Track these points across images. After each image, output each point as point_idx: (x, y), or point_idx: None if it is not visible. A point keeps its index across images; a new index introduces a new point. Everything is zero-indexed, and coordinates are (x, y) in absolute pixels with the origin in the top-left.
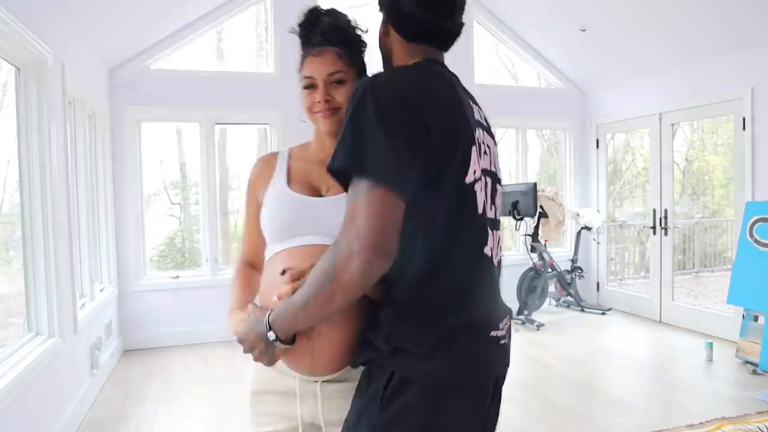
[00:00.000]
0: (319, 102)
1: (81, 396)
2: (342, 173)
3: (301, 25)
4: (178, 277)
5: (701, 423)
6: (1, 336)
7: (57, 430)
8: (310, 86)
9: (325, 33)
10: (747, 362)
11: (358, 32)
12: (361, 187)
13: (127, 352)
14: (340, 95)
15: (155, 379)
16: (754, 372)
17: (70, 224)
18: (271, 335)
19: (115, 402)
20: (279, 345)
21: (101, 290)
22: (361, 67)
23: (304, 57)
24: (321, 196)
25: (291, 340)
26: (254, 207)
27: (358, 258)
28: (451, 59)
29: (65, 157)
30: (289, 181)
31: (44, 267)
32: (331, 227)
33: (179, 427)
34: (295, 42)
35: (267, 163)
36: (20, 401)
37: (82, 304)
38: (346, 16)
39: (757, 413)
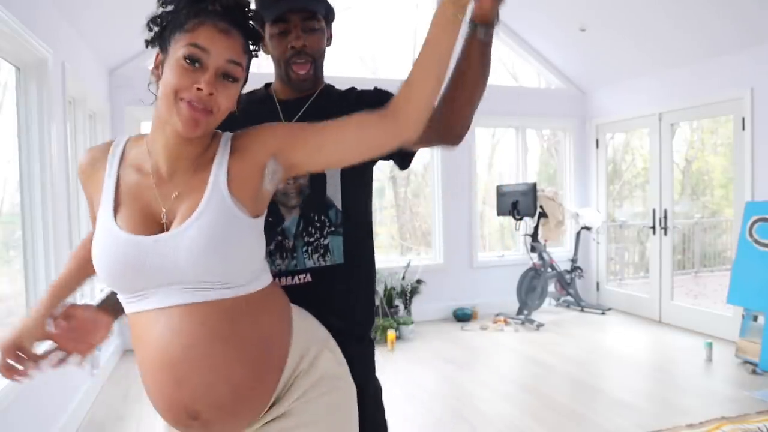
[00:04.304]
0: (199, 89)
1: (81, 396)
2: None
3: None
4: None
5: (701, 423)
6: (2, 336)
7: (57, 430)
8: (195, 60)
9: (230, 9)
10: (746, 362)
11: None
12: None
13: (127, 352)
14: (226, 97)
15: None
16: (754, 372)
17: (70, 224)
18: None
19: (115, 402)
20: None
21: (101, 290)
22: (246, 79)
23: (192, 23)
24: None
25: None
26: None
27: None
28: None
29: (65, 157)
30: (117, 208)
31: (44, 267)
32: (185, 273)
33: None
34: None
35: (93, 163)
36: (20, 401)
37: None
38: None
39: (757, 413)
